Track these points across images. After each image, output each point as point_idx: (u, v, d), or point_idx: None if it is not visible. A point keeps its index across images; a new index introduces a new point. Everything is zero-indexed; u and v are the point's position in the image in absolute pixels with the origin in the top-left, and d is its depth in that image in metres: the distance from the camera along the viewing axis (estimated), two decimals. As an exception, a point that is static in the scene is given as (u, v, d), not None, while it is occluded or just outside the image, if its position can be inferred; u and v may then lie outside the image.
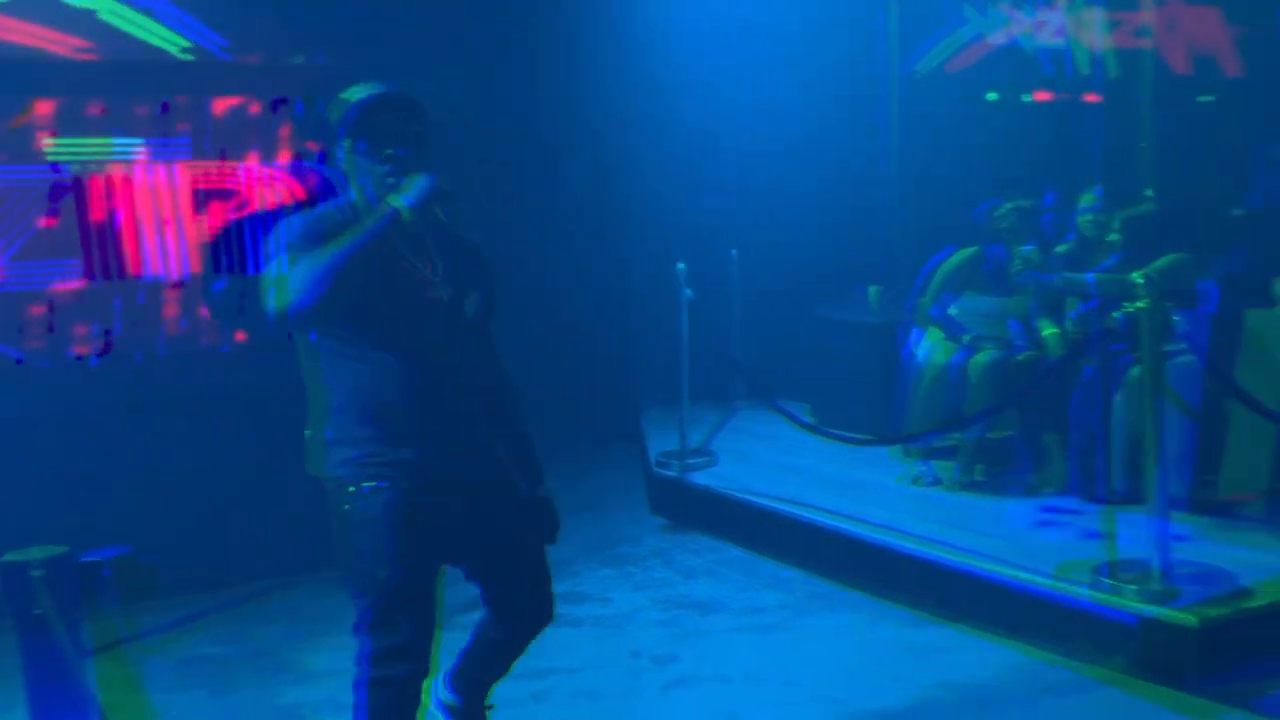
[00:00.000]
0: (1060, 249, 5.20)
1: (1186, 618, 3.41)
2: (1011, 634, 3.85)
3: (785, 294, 6.81)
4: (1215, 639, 3.39)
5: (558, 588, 2.69)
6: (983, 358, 5.01)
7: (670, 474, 5.54)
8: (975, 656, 3.76)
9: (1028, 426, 4.98)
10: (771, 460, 5.69)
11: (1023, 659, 3.72)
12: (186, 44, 5.05)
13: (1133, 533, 3.78)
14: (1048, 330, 4.98)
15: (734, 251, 6.77)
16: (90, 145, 4.91)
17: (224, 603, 4.55)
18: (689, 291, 5.67)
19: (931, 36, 7.14)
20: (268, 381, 4.89)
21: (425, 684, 2.42)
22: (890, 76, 7.10)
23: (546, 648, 3.88)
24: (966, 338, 5.14)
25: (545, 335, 5.99)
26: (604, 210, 6.64)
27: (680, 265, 5.70)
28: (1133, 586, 3.57)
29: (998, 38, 7.05)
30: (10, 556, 2.33)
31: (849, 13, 7.04)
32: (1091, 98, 6.85)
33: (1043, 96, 7.07)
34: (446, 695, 2.68)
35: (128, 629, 2.61)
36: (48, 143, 4.83)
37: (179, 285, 5.11)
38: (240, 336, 5.27)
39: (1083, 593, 3.68)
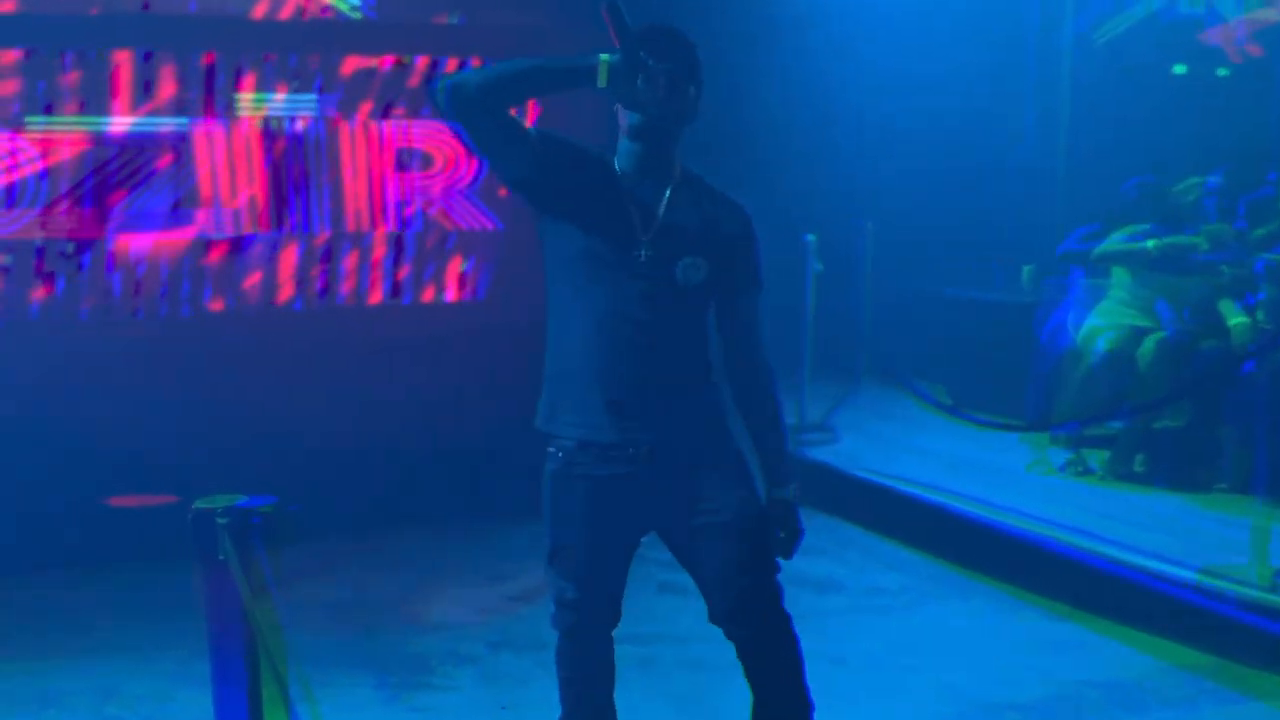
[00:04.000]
0: (1258, 232, 4.78)
1: (1378, 629, 3.03)
2: (1163, 634, 3.52)
3: (918, 269, 6.49)
4: None
5: (659, 554, 2.45)
6: (1153, 343, 4.62)
7: (787, 448, 5.33)
8: (1120, 654, 3.46)
9: (1202, 418, 4.56)
10: (896, 440, 5.43)
11: (1174, 660, 3.39)
12: (355, 3, 5.10)
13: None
14: (1235, 319, 4.56)
15: (868, 224, 6.47)
16: (275, 101, 4.98)
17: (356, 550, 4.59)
18: (819, 265, 5.44)
19: (1099, 6, 6.69)
20: (437, 334, 5.03)
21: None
22: (1061, 47, 6.70)
23: (654, 614, 3.79)
24: (1134, 320, 4.76)
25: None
26: (724, 179, 6.42)
27: (810, 237, 5.48)
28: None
29: (1180, 6, 6.55)
30: (199, 504, 2.49)
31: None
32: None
33: (1225, 69, 6.53)
34: None
35: (273, 574, 2.70)
36: (244, 98, 4.92)
37: (358, 237, 5.19)
38: (425, 291, 5.28)
39: (1252, 595, 3.31)
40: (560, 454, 2.28)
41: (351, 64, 5.09)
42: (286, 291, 5.10)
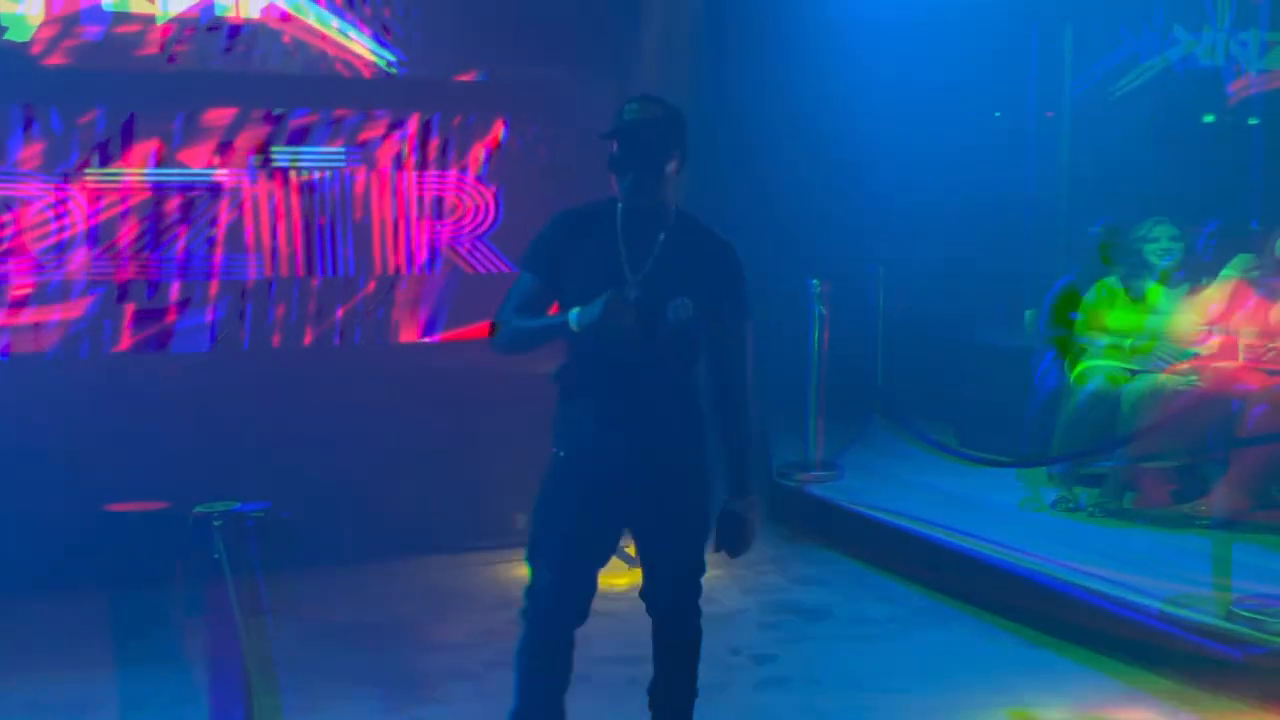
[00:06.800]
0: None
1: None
2: (1129, 660, 3.62)
3: (928, 314, 6.64)
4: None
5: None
6: (1140, 384, 4.73)
7: (789, 484, 5.50)
8: (1091, 680, 3.58)
9: (1192, 456, 4.64)
10: (897, 477, 5.55)
11: (1137, 685, 3.50)
12: (391, 58, 5.45)
13: None
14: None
15: (879, 269, 6.66)
16: (308, 152, 5.34)
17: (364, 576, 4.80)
18: (821, 308, 5.65)
19: (1103, 59, 6.87)
20: (454, 371, 5.26)
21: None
22: (1061, 99, 6.87)
23: (648, 635, 3.99)
24: (1123, 361, 4.88)
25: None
26: (738, 224, 6.62)
27: (814, 281, 5.69)
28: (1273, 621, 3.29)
29: (1173, 59, 6.70)
30: (199, 509, 2.72)
31: (1011, 34, 6.88)
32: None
33: (1255, 119, 6.63)
34: None
35: (265, 578, 2.91)
36: (281, 150, 5.27)
37: (360, 282, 5.49)
38: (414, 332, 5.57)
39: (1210, 622, 3.41)
40: (562, 455, 2.62)
41: (382, 118, 5.44)
42: (315, 330, 5.42)
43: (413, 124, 5.49)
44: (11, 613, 4.26)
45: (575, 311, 2.45)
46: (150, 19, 5.07)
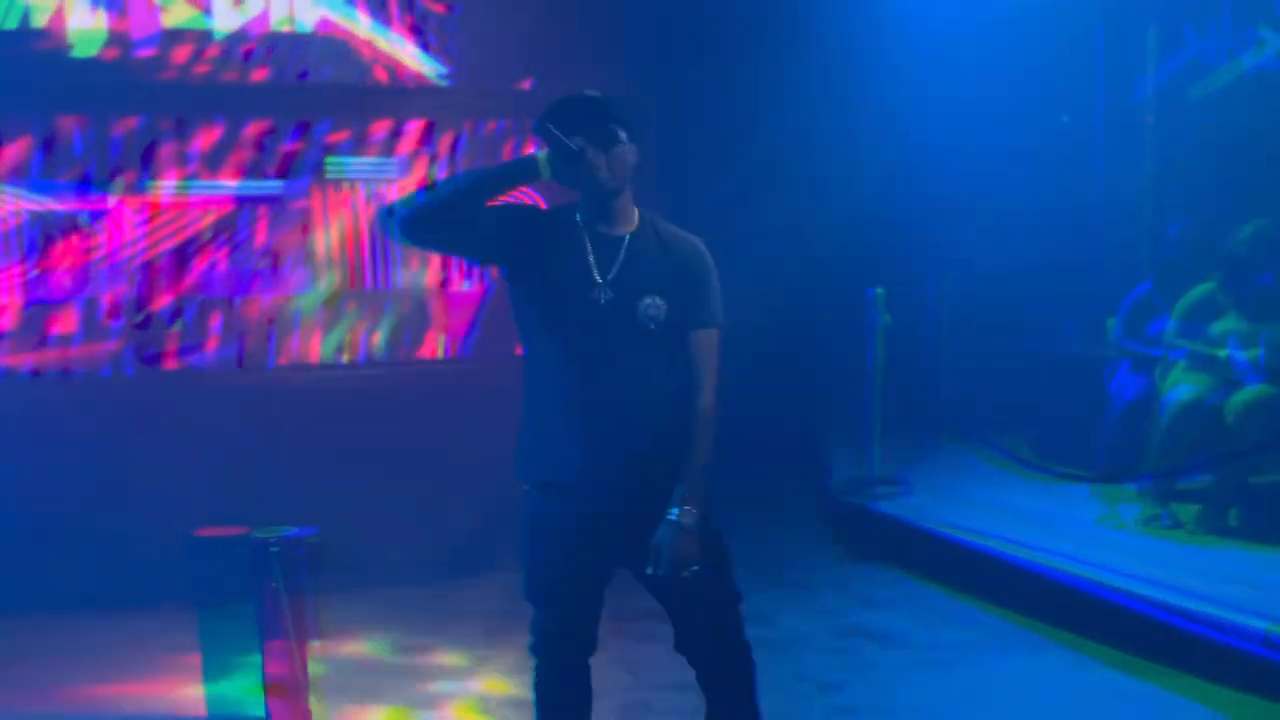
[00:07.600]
0: None
1: None
2: (1235, 687, 3.33)
3: (994, 324, 6.39)
4: None
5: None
6: (1246, 395, 4.44)
7: (853, 501, 5.27)
8: (1187, 709, 3.31)
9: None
10: (966, 494, 5.29)
11: (1243, 715, 3.23)
12: (440, 69, 5.38)
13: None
14: None
15: (943, 280, 6.46)
16: (361, 165, 5.25)
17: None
18: (885, 317, 5.46)
19: (1184, 59, 6.60)
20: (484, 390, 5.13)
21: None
22: (1144, 102, 6.62)
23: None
24: (1217, 370, 4.60)
25: (728, 351, 5.87)
26: (800, 229, 6.47)
27: (879, 290, 5.50)
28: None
29: (1259, 60, 6.41)
30: (257, 534, 2.69)
31: (1081, 35, 6.65)
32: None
33: None
34: None
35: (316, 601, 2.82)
36: (333, 163, 5.19)
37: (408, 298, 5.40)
38: (466, 347, 5.47)
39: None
40: (535, 492, 2.40)
41: (433, 129, 5.36)
42: (358, 346, 5.32)
43: (455, 134, 5.41)
44: (49, 632, 4.20)
45: (543, 154, 2.26)
46: (207, 35, 5.06)
